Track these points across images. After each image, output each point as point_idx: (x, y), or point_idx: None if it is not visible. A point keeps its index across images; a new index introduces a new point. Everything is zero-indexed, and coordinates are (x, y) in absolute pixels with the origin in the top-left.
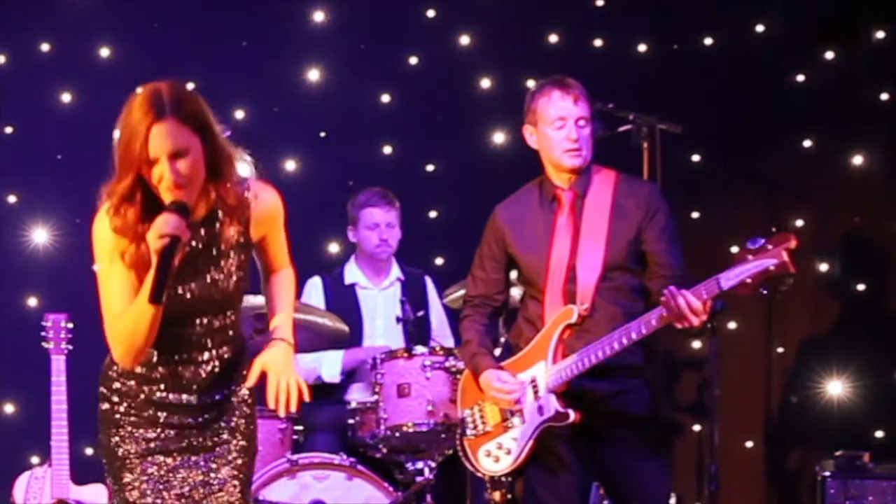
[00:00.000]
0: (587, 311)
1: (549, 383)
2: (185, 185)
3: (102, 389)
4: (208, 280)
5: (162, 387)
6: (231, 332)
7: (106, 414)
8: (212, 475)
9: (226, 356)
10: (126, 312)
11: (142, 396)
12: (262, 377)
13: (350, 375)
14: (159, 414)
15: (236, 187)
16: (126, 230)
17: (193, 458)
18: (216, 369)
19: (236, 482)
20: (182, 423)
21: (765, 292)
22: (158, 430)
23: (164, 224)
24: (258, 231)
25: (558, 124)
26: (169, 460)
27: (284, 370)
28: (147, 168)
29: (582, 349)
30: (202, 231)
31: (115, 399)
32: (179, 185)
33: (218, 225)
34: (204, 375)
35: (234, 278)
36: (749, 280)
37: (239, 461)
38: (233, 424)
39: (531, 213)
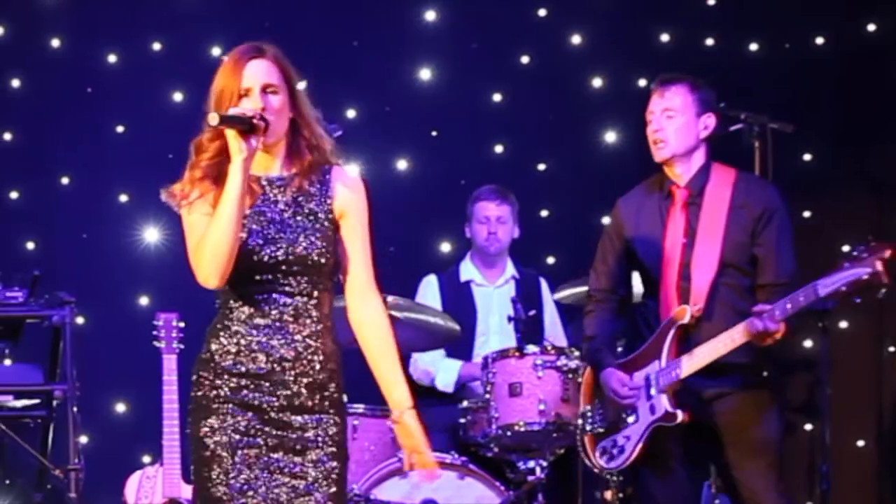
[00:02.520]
0: (700, 311)
1: (660, 383)
2: (271, 120)
3: (195, 375)
4: (290, 242)
5: (254, 358)
6: (317, 314)
7: (199, 400)
8: (299, 480)
9: (316, 340)
10: (209, 226)
11: (234, 372)
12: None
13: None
14: (250, 395)
15: (313, 150)
16: (208, 174)
17: (281, 458)
18: (308, 352)
19: (327, 488)
20: (270, 408)
21: (857, 301)
22: (248, 418)
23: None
24: (340, 204)
25: (648, 119)
26: (256, 458)
27: (421, 451)
28: (236, 103)
29: (690, 351)
30: (282, 192)
31: (210, 377)
32: (267, 114)
33: (297, 188)
34: (294, 354)
35: (317, 247)
36: (844, 288)
37: (329, 465)
38: (324, 427)
39: (647, 207)
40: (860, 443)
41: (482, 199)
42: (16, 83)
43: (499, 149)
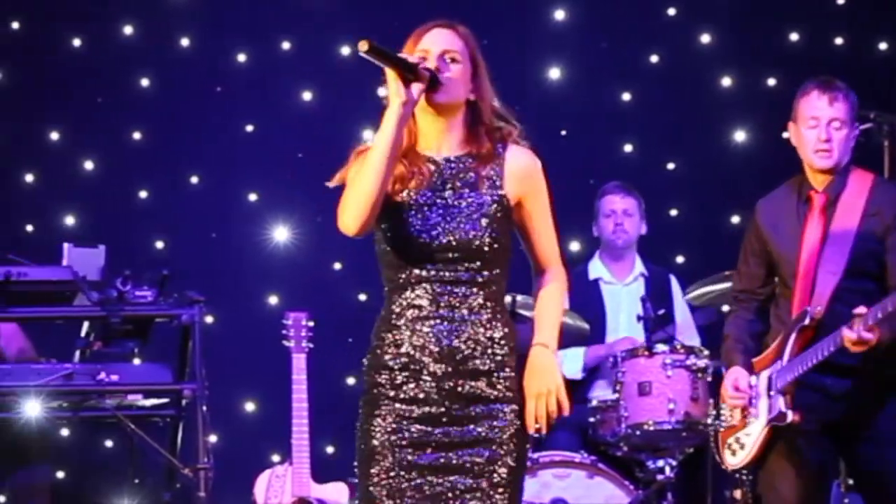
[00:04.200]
0: (820, 314)
1: (778, 383)
2: (445, 80)
3: (364, 369)
4: (458, 227)
5: (420, 350)
6: (484, 301)
7: (366, 395)
8: (470, 477)
9: (485, 327)
10: (359, 171)
11: (399, 367)
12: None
13: (591, 373)
14: (417, 390)
15: (491, 135)
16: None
17: (450, 454)
18: (476, 339)
19: (499, 487)
20: (438, 402)
21: None
22: (414, 415)
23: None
24: (514, 188)
25: (811, 123)
26: (420, 457)
27: (542, 384)
28: None
29: (806, 350)
30: (454, 175)
31: (375, 373)
32: (441, 74)
33: (470, 172)
34: (461, 344)
35: (488, 233)
36: None
37: (503, 461)
38: (498, 415)
39: (786, 212)
40: None
41: (608, 193)
42: (145, 83)
43: (628, 148)
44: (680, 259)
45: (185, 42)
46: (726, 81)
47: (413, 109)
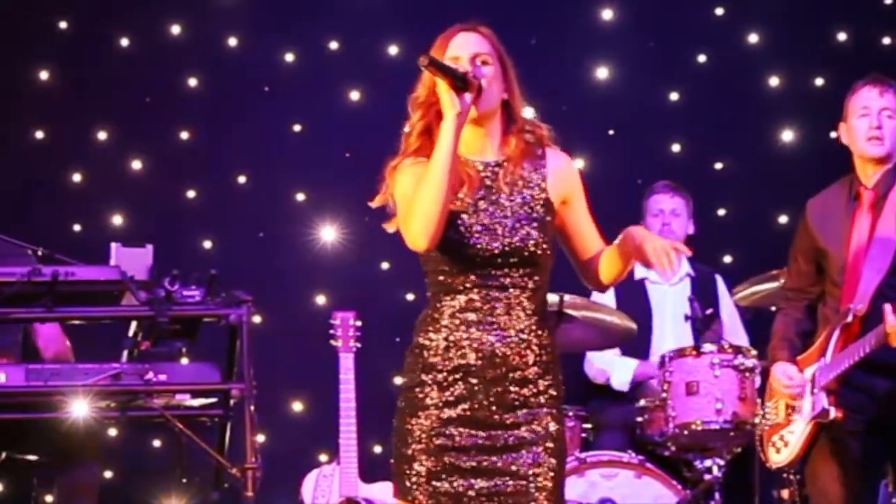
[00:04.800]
0: (862, 311)
1: (820, 380)
2: (484, 86)
3: (405, 369)
4: (507, 232)
5: (463, 354)
6: (530, 307)
7: (407, 395)
8: (513, 479)
9: (529, 333)
10: (419, 185)
11: (442, 368)
12: None
13: None
14: (459, 393)
15: (527, 134)
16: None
17: (491, 458)
18: (521, 346)
19: (543, 485)
20: (480, 407)
21: None
22: (457, 418)
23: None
24: (557, 189)
25: (862, 112)
26: (463, 461)
27: (651, 236)
28: None
29: (847, 348)
30: (497, 178)
31: (418, 373)
32: (481, 77)
33: (512, 174)
34: (506, 349)
35: (533, 237)
36: None
37: (546, 464)
38: (538, 422)
39: (836, 210)
40: None
41: (656, 192)
42: (193, 82)
43: (675, 148)
44: (727, 259)
45: (232, 41)
46: (774, 81)
47: (466, 118)
